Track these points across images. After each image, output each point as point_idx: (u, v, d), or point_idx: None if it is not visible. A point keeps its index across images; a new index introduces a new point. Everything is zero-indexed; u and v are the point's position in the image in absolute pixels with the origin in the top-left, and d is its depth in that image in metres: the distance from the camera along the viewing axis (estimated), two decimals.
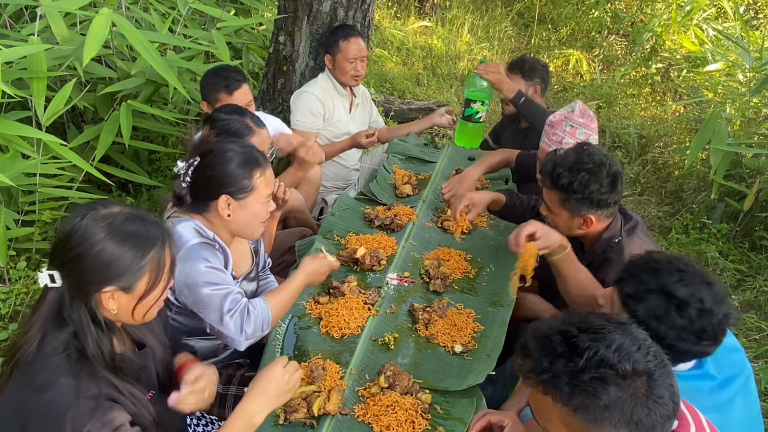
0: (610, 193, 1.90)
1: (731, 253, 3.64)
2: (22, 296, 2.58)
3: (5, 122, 2.39)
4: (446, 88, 5.71)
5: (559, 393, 1.04)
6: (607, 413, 1.01)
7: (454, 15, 7.15)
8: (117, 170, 3.08)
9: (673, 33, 6.12)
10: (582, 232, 2.00)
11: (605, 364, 1.02)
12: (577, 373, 1.02)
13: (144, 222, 1.33)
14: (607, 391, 1.01)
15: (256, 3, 4.14)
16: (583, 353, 1.03)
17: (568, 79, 6.13)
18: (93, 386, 1.25)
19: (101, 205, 1.32)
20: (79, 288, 1.27)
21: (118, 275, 1.28)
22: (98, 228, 1.27)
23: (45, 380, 1.22)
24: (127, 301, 1.32)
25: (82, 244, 1.25)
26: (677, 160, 4.52)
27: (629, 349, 1.03)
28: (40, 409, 1.20)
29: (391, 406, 1.63)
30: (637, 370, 1.02)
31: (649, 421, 1.01)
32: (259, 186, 1.78)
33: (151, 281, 1.33)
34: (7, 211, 2.60)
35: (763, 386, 2.66)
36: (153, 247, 1.32)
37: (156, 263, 1.33)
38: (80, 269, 1.26)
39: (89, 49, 2.37)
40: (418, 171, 3.02)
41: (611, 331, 1.05)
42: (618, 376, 1.01)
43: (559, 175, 1.92)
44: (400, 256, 2.31)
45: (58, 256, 1.28)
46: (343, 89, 3.24)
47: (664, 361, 1.06)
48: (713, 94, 5.01)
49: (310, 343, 1.88)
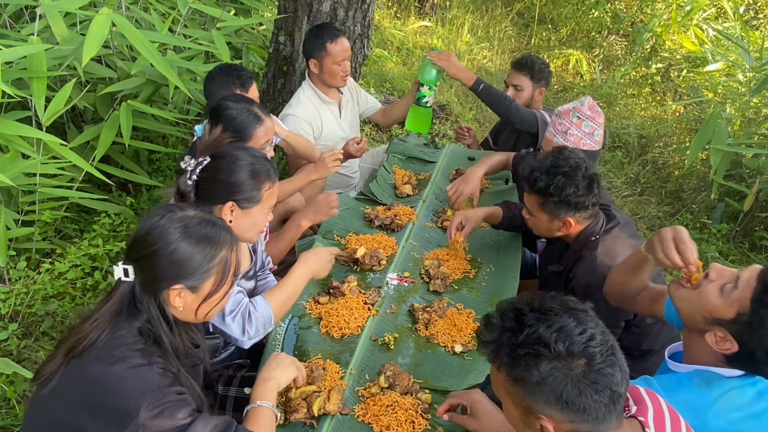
0: (586, 195, 1.95)
1: (731, 253, 3.64)
2: (22, 296, 2.58)
3: (5, 122, 2.39)
4: (446, 88, 5.70)
5: (501, 363, 1.14)
6: (539, 388, 1.09)
7: (454, 15, 7.15)
8: (117, 170, 3.08)
9: (673, 33, 6.12)
10: (562, 233, 2.05)
11: (541, 341, 1.09)
12: (515, 347, 1.11)
13: (215, 226, 1.42)
14: (539, 367, 1.08)
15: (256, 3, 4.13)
16: (525, 329, 1.11)
17: (568, 79, 6.13)
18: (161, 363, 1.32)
19: (178, 207, 1.42)
20: (151, 283, 1.36)
21: (187, 274, 1.36)
22: (174, 228, 1.36)
23: (120, 355, 1.28)
24: (192, 300, 1.40)
25: (158, 242, 1.34)
26: (677, 160, 4.52)
27: (570, 332, 1.09)
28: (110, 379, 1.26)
29: (391, 406, 1.63)
30: (571, 351, 1.08)
31: (579, 402, 1.07)
32: (266, 198, 1.79)
33: (217, 282, 1.41)
34: (7, 211, 2.60)
35: None
36: (221, 250, 1.40)
37: (223, 266, 1.41)
38: (154, 265, 1.35)
39: (89, 49, 2.36)
40: (418, 171, 3.02)
41: (558, 314, 1.12)
42: (551, 354, 1.08)
43: (536, 179, 1.97)
44: (400, 256, 2.31)
45: (134, 251, 1.37)
46: (327, 97, 3.07)
47: (611, 351, 1.11)
48: (713, 94, 5.01)
49: (310, 343, 1.88)
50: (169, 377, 1.32)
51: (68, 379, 1.30)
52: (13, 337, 2.42)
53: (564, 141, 2.33)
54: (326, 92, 3.06)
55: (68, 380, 1.30)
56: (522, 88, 3.08)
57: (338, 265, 2.26)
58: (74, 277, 2.69)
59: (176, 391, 1.29)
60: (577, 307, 1.15)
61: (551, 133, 2.38)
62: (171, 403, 1.26)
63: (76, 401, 1.28)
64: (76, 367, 1.30)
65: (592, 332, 1.11)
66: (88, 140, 2.91)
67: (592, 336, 1.10)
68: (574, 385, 1.07)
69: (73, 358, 1.31)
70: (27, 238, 2.79)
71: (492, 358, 1.16)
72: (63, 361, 1.32)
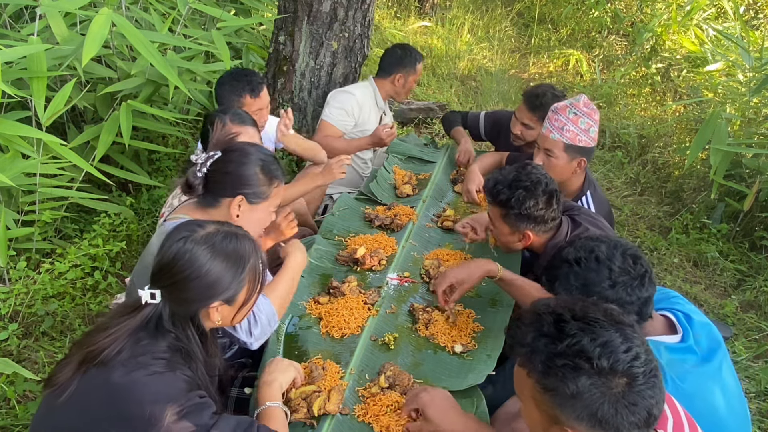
0: (546, 209, 2.00)
1: (731, 253, 3.64)
2: (22, 296, 2.58)
3: (5, 122, 2.39)
4: (446, 87, 5.70)
5: (534, 369, 1.08)
6: (572, 402, 1.03)
7: (454, 15, 7.15)
8: (117, 170, 3.08)
9: (673, 33, 6.11)
10: (521, 245, 2.11)
11: (583, 355, 1.03)
12: (553, 356, 1.05)
13: (238, 238, 1.44)
14: (576, 381, 1.02)
15: (256, 3, 4.13)
16: (566, 339, 1.05)
17: (568, 79, 6.13)
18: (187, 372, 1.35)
19: (197, 225, 1.43)
20: (186, 305, 1.39)
21: (222, 290, 1.39)
22: (201, 251, 1.37)
23: (144, 362, 1.30)
24: (228, 311, 1.45)
25: (188, 268, 1.36)
26: (677, 160, 4.52)
27: (615, 348, 1.04)
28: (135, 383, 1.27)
29: (391, 406, 1.63)
30: (615, 369, 1.02)
31: (614, 422, 1.02)
32: (273, 196, 1.81)
33: (250, 290, 1.46)
34: (7, 211, 2.60)
35: (763, 386, 2.66)
36: (249, 259, 1.43)
37: (253, 274, 1.45)
38: (187, 289, 1.37)
39: (89, 49, 2.36)
40: (418, 171, 3.02)
41: (604, 327, 1.06)
42: (592, 370, 1.02)
43: (499, 192, 2.03)
44: (400, 256, 2.31)
45: (164, 278, 1.38)
46: (382, 103, 3.34)
47: (654, 372, 1.06)
48: (713, 94, 5.00)
49: (310, 343, 1.88)
50: (194, 383, 1.34)
51: (87, 386, 1.31)
52: (13, 337, 2.42)
53: (560, 137, 2.35)
54: (383, 98, 3.34)
55: (88, 388, 1.31)
56: (532, 128, 2.81)
57: (338, 265, 2.26)
58: (74, 277, 2.69)
59: (199, 394, 1.31)
60: (623, 321, 1.09)
61: (548, 129, 2.39)
62: (194, 406, 1.28)
63: (97, 409, 1.28)
64: (97, 375, 1.30)
65: (638, 351, 1.05)
66: (88, 140, 2.91)
67: (637, 355, 1.05)
68: (611, 404, 1.02)
69: (91, 366, 1.31)
70: (27, 238, 2.79)
71: (525, 363, 1.10)
72: (78, 369, 1.32)
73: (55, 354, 2.44)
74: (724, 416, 1.51)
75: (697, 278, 3.47)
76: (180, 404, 1.25)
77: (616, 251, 1.56)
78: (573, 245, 1.62)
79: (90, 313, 2.64)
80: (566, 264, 1.58)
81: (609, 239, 1.61)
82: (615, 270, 1.53)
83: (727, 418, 1.51)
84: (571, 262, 1.57)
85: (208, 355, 1.46)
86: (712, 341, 1.59)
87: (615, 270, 1.53)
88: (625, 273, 1.53)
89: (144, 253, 1.86)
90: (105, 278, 2.78)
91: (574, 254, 1.59)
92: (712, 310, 3.19)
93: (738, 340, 2.96)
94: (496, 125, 3.27)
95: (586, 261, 1.55)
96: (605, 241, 1.59)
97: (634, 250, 1.58)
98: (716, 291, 3.40)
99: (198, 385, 1.37)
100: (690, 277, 3.47)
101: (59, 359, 1.42)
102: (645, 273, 1.54)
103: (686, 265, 3.58)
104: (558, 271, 1.60)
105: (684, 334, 1.58)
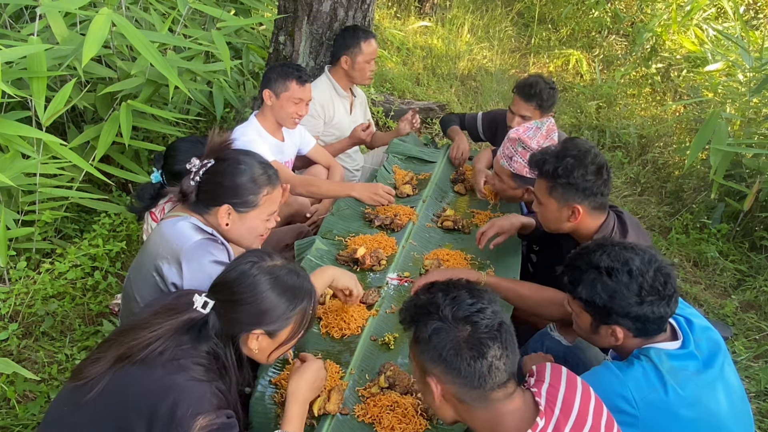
0: (595, 180, 1.91)
1: (731, 253, 3.64)
2: (22, 296, 2.58)
3: (5, 122, 2.39)
4: (446, 87, 5.71)
5: (405, 321, 1.31)
6: (426, 346, 1.24)
7: (454, 15, 7.15)
8: (117, 170, 3.08)
9: (673, 33, 6.12)
10: (571, 224, 1.98)
11: (434, 305, 1.25)
12: (416, 307, 1.30)
13: (299, 277, 1.51)
14: (428, 326, 1.24)
15: (256, 3, 4.13)
16: (428, 295, 1.29)
17: (568, 79, 6.13)
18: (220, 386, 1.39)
19: (267, 255, 1.52)
20: (233, 324, 1.44)
21: (270, 322, 1.45)
22: (264, 279, 1.45)
23: (185, 365, 1.35)
24: (267, 345, 1.49)
25: (247, 292, 1.43)
26: (677, 160, 4.52)
27: (462, 301, 1.24)
28: (173, 386, 1.31)
29: (391, 406, 1.63)
30: (456, 316, 1.22)
31: (455, 363, 1.20)
32: (263, 204, 1.79)
33: (294, 331, 1.50)
34: (7, 211, 2.60)
35: (763, 386, 2.66)
36: (303, 301, 1.49)
37: (301, 316, 1.50)
38: (239, 310, 1.44)
39: (89, 49, 2.36)
40: (418, 171, 3.02)
41: (459, 288, 1.28)
42: (439, 315, 1.23)
43: (545, 161, 1.96)
44: (400, 256, 2.31)
45: (222, 292, 1.46)
46: (343, 91, 3.28)
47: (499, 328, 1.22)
48: (713, 94, 5.01)
49: (310, 343, 1.88)
50: (224, 401, 1.37)
51: (123, 382, 1.33)
52: (13, 337, 2.42)
53: (508, 166, 2.38)
54: (342, 86, 3.27)
55: (123, 384, 1.33)
56: (530, 118, 2.84)
57: (338, 265, 2.26)
58: (74, 277, 2.69)
59: (227, 414, 1.33)
60: (478, 287, 1.30)
61: (500, 154, 2.42)
62: (221, 425, 1.30)
63: (130, 404, 1.31)
64: (136, 372, 1.33)
65: (482, 306, 1.23)
66: (88, 140, 2.91)
67: (482, 309, 1.23)
68: (453, 346, 1.21)
69: (129, 363, 1.34)
70: (27, 238, 2.79)
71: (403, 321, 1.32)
72: (113, 364, 1.35)
73: (55, 354, 2.44)
74: (727, 420, 1.49)
75: (697, 278, 3.47)
76: (209, 419, 1.28)
77: (651, 267, 1.48)
78: (605, 251, 1.52)
79: (90, 313, 2.64)
80: (595, 270, 1.50)
81: (644, 251, 1.52)
82: (645, 288, 1.46)
83: (730, 421, 1.50)
84: (602, 271, 1.49)
85: (241, 378, 1.50)
86: (713, 344, 1.58)
87: (645, 288, 1.46)
88: (654, 292, 1.46)
89: (140, 251, 1.86)
90: (105, 278, 2.78)
91: (606, 262, 1.50)
92: (712, 310, 3.19)
93: (738, 340, 2.96)
94: (492, 123, 3.28)
95: (618, 273, 1.47)
96: (640, 254, 1.50)
97: (668, 269, 1.50)
98: (716, 291, 3.40)
99: (228, 402, 1.39)
100: (690, 277, 3.47)
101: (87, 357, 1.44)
102: (673, 294, 1.49)
103: (686, 265, 3.58)
104: (584, 275, 1.52)
105: (684, 339, 1.55)
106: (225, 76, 3.69)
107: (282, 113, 2.71)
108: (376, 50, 3.20)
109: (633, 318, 1.47)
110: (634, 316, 1.47)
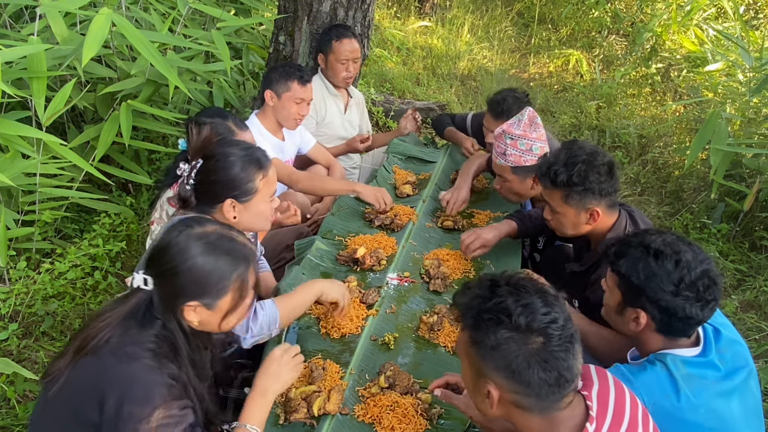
0: (608, 180, 1.92)
1: (731, 253, 3.64)
2: (22, 296, 2.58)
3: (5, 122, 2.39)
4: (446, 87, 5.70)
5: (466, 324, 1.21)
6: (492, 353, 1.15)
7: (454, 15, 7.15)
8: (117, 170, 3.08)
9: (673, 33, 6.11)
10: (590, 226, 1.99)
11: (506, 311, 1.15)
12: (482, 311, 1.18)
13: (233, 242, 1.43)
14: (496, 333, 1.14)
15: (256, 3, 4.13)
16: (494, 298, 1.18)
17: (568, 79, 6.13)
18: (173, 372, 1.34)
19: (197, 222, 1.44)
20: (169, 298, 1.39)
21: (203, 292, 1.38)
22: (193, 245, 1.37)
23: (133, 353, 1.31)
24: (209, 316, 1.42)
25: (176, 259, 1.36)
26: (677, 160, 4.52)
27: (535, 310, 1.14)
28: (122, 377, 1.28)
29: (391, 406, 1.63)
30: (531, 327, 1.13)
31: (525, 375, 1.13)
32: (262, 187, 1.80)
33: (236, 299, 1.43)
34: (7, 211, 2.60)
35: (763, 386, 2.66)
36: (239, 266, 1.41)
37: (239, 283, 1.42)
38: (172, 282, 1.37)
39: (89, 49, 2.36)
40: (418, 171, 3.02)
41: (529, 292, 1.18)
42: (511, 324, 1.14)
43: (557, 173, 1.93)
44: (400, 256, 2.31)
45: (154, 265, 1.40)
46: (335, 90, 3.28)
47: (570, 339, 1.15)
48: (713, 94, 5.00)
49: (310, 343, 1.88)
50: (177, 388, 1.33)
51: (78, 374, 1.32)
52: (13, 337, 2.42)
53: (505, 162, 2.36)
54: (334, 85, 3.26)
55: (78, 375, 1.32)
56: None
57: (338, 265, 2.26)
58: (74, 277, 2.69)
59: (179, 405, 1.30)
60: (549, 291, 1.21)
61: (495, 156, 2.41)
62: (171, 418, 1.27)
63: (86, 395, 1.29)
64: (88, 363, 1.32)
65: (556, 316, 1.15)
66: (88, 140, 2.91)
67: (555, 319, 1.15)
68: (524, 358, 1.13)
69: (83, 355, 1.32)
70: (27, 238, 2.79)
71: (459, 318, 1.24)
72: (72, 358, 1.34)
73: (55, 354, 2.44)
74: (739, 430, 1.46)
75: None
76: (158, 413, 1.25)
77: (700, 266, 1.45)
78: (663, 237, 1.51)
79: (90, 313, 2.64)
80: (643, 249, 1.49)
81: (702, 252, 1.50)
82: (686, 282, 1.44)
83: None
84: (650, 251, 1.48)
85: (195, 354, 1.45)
86: (739, 359, 1.52)
87: (686, 282, 1.44)
88: (693, 290, 1.44)
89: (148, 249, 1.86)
90: (105, 278, 2.78)
91: (658, 245, 1.49)
92: None
93: None
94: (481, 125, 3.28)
95: (665, 258, 1.46)
96: (695, 252, 1.48)
97: (716, 276, 1.47)
98: None
99: (184, 386, 1.35)
100: None
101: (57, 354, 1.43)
102: (712, 301, 1.46)
103: None
104: (631, 250, 1.51)
105: (705, 347, 1.50)
106: (225, 76, 3.69)
107: (284, 113, 2.71)
108: (353, 50, 3.13)
109: (662, 308, 1.45)
110: (663, 306, 1.45)
